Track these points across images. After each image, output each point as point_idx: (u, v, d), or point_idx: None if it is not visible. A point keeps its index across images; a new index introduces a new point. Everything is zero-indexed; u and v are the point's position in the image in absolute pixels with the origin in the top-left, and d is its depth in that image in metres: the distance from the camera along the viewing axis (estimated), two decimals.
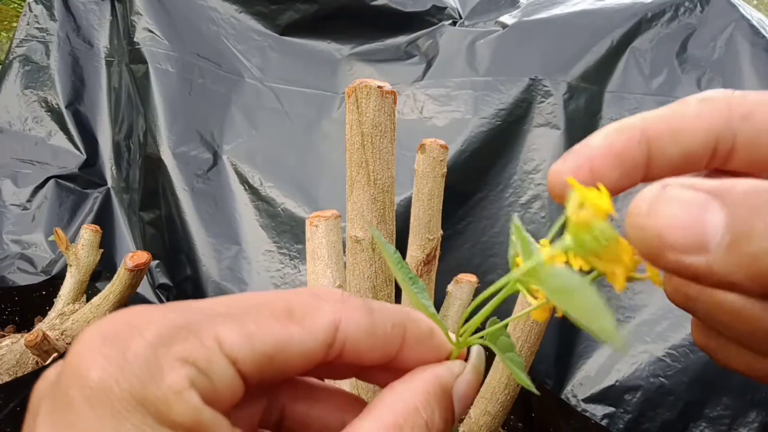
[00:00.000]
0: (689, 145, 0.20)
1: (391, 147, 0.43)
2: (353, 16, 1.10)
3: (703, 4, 0.90)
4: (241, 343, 0.17)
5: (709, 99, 0.20)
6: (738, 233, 0.16)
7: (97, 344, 0.15)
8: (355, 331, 0.19)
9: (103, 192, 1.15)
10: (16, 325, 0.94)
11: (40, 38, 1.19)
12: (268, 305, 0.18)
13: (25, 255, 1.05)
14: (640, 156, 0.20)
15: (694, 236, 0.16)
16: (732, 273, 0.16)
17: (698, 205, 0.16)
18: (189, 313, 0.17)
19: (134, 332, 0.16)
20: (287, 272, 0.95)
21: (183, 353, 0.16)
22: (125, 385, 0.15)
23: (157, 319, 0.16)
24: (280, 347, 0.17)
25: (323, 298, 0.19)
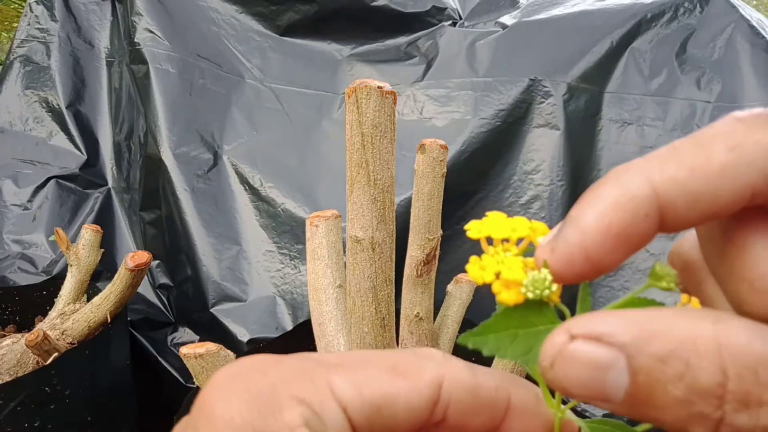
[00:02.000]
0: (711, 209, 0.16)
1: (391, 147, 0.43)
2: (353, 16, 1.10)
3: (703, 4, 0.90)
4: (352, 390, 0.17)
5: (740, 146, 0.15)
6: (637, 400, 0.15)
7: (224, 382, 0.17)
8: (459, 390, 0.18)
9: (104, 192, 1.15)
10: (17, 325, 0.94)
11: (41, 39, 1.19)
12: (375, 360, 0.19)
13: (25, 255, 1.06)
14: (649, 230, 0.17)
15: (595, 393, 0.16)
16: (634, 418, 0.16)
17: (600, 365, 0.15)
18: (304, 360, 0.18)
19: (258, 373, 0.17)
20: (287, 272, 0.96)
21: (299, 393, 0.17)
22: (247, 417, 0.16)
23: (277, 363, 0.18)
24: (387, 399, 0.18)
25: (426, 357, 0.19)
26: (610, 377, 0.15)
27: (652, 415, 0.15)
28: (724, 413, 0.14)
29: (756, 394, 0.14)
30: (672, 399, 0.15)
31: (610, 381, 0.15)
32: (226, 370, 0.18)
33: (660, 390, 0.15)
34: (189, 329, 1.02)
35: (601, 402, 0.16)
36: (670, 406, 0.15)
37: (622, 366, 0.15)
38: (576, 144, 0.88)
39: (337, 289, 0.55)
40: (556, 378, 0.16)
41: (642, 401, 0.15)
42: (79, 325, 0.79)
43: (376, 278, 0.45)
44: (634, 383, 0.15)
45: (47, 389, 0.70)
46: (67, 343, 0.78)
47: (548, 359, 0.16)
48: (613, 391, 0.15)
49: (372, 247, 0.44)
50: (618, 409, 0.16)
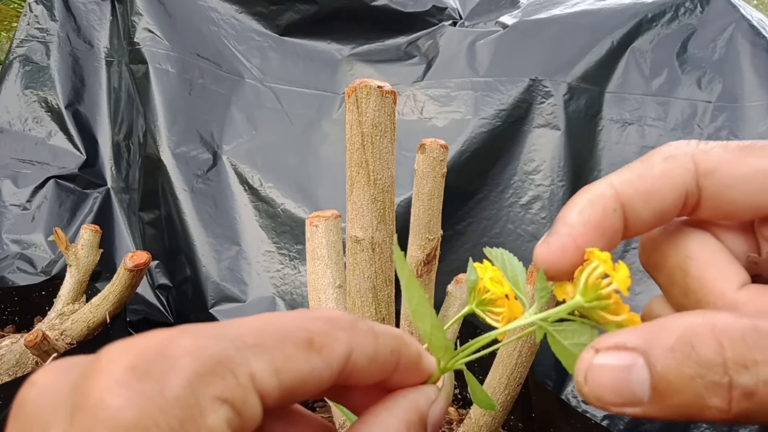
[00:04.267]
0: (660, 205, 0.21)
1: (391, 147, 0.43)
2: (353, 16, 1.10)
3: (704, 4, 0.90)
4: (271, 376, 0.17)
5: (673, 156, 0.21)
6: (661, 390, 0.18)
7: (127, 378, 0.14)
8: (363, 360, 0.19)
9: (103, 192, 1.15)
10: (16, 325, 0.94)
11: (41, 38, 1.19)
12: (291, 336, 0.18)
13: (24, 255, 1.05)
14: (618, 222, 0.21)
15: (625, 396, 0.18)
16: (666, 416, 0.18)
17: (623, 366, 0.18)
18: (221, 343, 0.16)
19: (169, 365, 0.15)
20: (287, 272, 0.95)
21: (222, 393, 0.15)
22: (165, 426, 0.14)
23: (190, 350, 0.15)
24: (302, 380, 0.18)
25: (338, 325, 0.19)
26: (634, 376, 0.18)
27: (677, 403, 0.18)
28: (731, 377, 0.17)
29: (749, 355, 0.17)
30: (687, 378, 0.17)
31: (635, 380, 0.18)
32: (122, 355, 0.15)
33: (676, 373, 0.17)
34: None
35: (633, 406, 0.18)
36: (688, 385, 0.17)
37: (642, 363, 0.18)
38: (577, 144, 0.88)
39: (337, 289, 0.55)
40: (591, 390, 0.19)
41: (665, 390, 0.18)
42: (78, 325, 0.79)
43: (376, 278, 0.45)
44: (654, 375, 0.18)
45: None
46: (66, 343, 0.78)
47: (581, 375, 0.19)
48: (639, 389, 0.18)
49: (372, 247, 0.44)
50: (648, 409, 0.18)
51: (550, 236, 0.22)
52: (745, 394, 0.17)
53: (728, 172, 0.21)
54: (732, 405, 0.17)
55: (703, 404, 0.17)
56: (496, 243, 0.89)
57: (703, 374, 0.17)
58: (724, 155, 0.21)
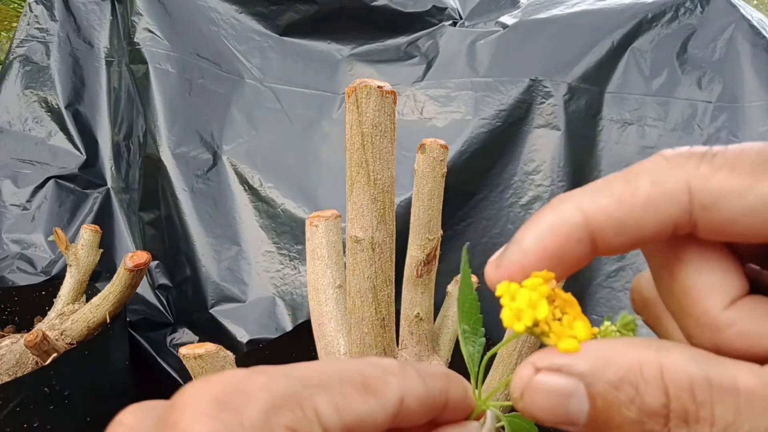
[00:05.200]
0: (637, 236, 0.18)
1: (391, 147, 0.43)
2: (353, 16, 1.10)
3: (704, 4, 0.90)
4: (333, 415, 0.18)
5: (662, 182, 0.17)
6: (599, 422, 0.17)
7: (211, 409, 0.16)
8: (415, 402, 0.20)
9: (103, 192, 1.15)
10: (16, 326, 0.93)
11: (41, 38, 1.19)
12: (349, 378, 0.19)
13: (24, 255, 1.05)
14: (582, 251, 0.19)
15: (561, 419, 0.18)
16: None
17: (563, 394, 0.18)
18: (291, 380, 0.18)
19: (246, 398, 0.16)
20: (287, 273, 0.95)
21: (291, 423, 0.16)
22: None
23: (265, 385, 0.17)
24: (360, 419, 0.18)
25: (388, 370, 0.20)
26: (572, 404, 0.17)
27: None
28: (669, 430, 0.16)
29: (693, 411, 0.16)
30: (627, 420, 0.17)
31: (573, 407, 0.17)
32: (205, 390, 0.16)
33: (616, 412, 0.17)
34: (188, 330, 1.02)
35: (567, 426, 0.18)
36: (625, 426, 0.17)
37: (582, 392, 0.17)
38: (577, 144, 0.88)
39: (337, 289, 0.55)
40: (526, 407, 0.18)
41: (602, 423, 0.17)
42: (78, 325, 0.79)
43: (376, 278, 0.45)
44: (593, 407, 0.17)
45: (46, 390, 0.70)
46: (66, 343, 0.78)
47: (518, 391, 0.18)
48: (576, 416, 0.17)
49: (372, 248, 0.44)
50: (583, 431, 0.18)
51: (502, 258, 0.20)
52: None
53: (733, 205, 0.17)
54: None
55: None
56: (496, 243, 0.89)
57: (643, 422, 0.17)
58: (730, 182, 0.17)
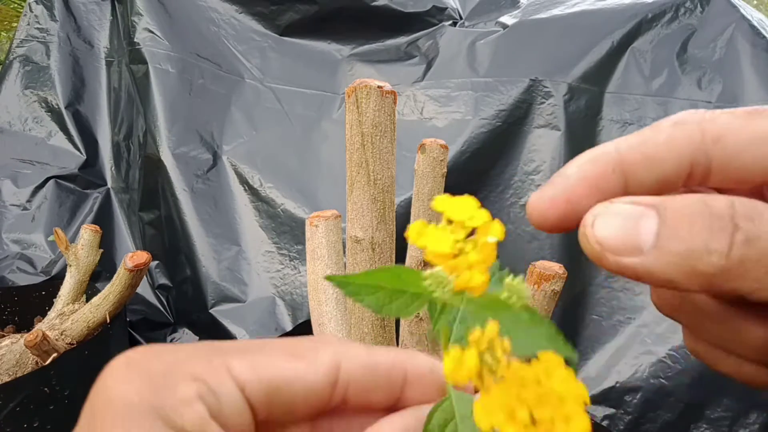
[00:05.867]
0: (663, 172, 0.21)
1: (391, 147, 0.43)
2: (353, 16, 1.10)
3: (704, 4, 0.90)
4: (248, 370, 0.18)
5: (681, 123, 0.21)
6: (667, 236, 0.18)
7: (122, 366, 0.18)
8: (358, 369, 0.20)
9: (103, 192, 1.15)
10: (16, 325, 0.93)
11: (41, 38, 1.19)
12: (274, 345, 0.20)
13: (24, 255, 1.05)
14: (616, 184, 0.21)
15: (629, 240, 0.19)
16: (666, 271, 0.18)
17: (635, 215, 0.19)
18: (203, 346, 0.19)
19: (154, 356, 0.18)
20: (287, 273, 0.95)
21: (194, 372, 0.18)
22: (145, 394, 0.17)
23: (174, 349, 0.19)
24: (285, 379, 0.19)
25: (323, 342, 0.20)
26: (642, 223, 0.18)
27: (678, 249, 0.18)
28: (737, 223, 0.18)
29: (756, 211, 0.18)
30: (696, 224, 0.18)
31: (642, 226, 0.18)
32: (122, 356, 0.18)
33: (686, 220, 0.18)
34: (188, 330, 1.02)
35: (631, 254, 0.19)
36: (694, 229, 0.18)
37: (653, 214, 0.18)
38: (577, 144, 0.88)
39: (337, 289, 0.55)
40: (596, 231, 0.19)
41: (670, 235, 0.18)
42: (78, 325, 0.79)
43: None
44: (663, 222, 0.18)
45: (46, 390, 0.69)
46: (66, 343, 0.78)
47: (590, 218, 0.19)
48: (645, 235, 0.18)
49: (372, 247, 0.44)
50: (647, 259, 0.18)
51: (545, 186, 0.22)
52: (746, 240, 0.17)
53: (737, 138, 0.20)
54: (732, 249, 0.17)
55: (704, 249, 0.18)
56: None
57: (710, 222, 0.18)
58: (732, 121, 0.20)
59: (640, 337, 0.79)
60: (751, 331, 0.21)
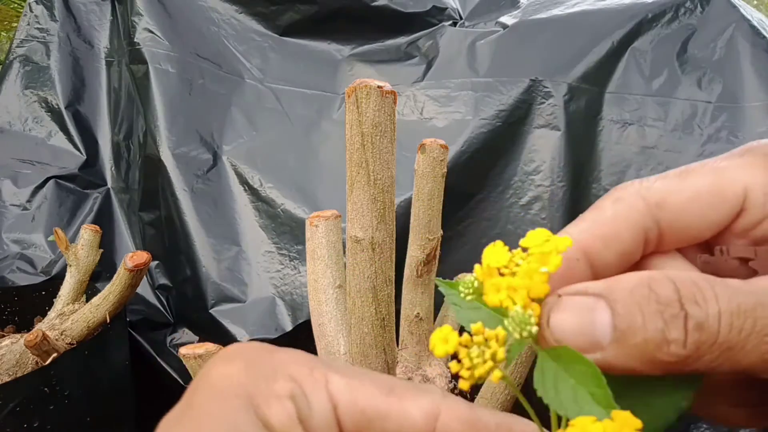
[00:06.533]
0: (622, 246, 0.22)
1: (391, 147, 0.43)
2: (353, 17, 1.10)
3: (704, 4, 0.90)
4: (346, 390, 0.18)
5: (620, 198, 0.22)
6: (622, 330, 0.18)
7: (229, 352, 0.19)
8: (457, 424, 0.19)
9: (103, 192, 1.15)
10: (16, 326, 0.93)
11: (41, 38, 1.19)
12: (374, 375, 0.19)
13: (24, 255, 1.05)
14: (584, 271, 0.22)
15: (587, 337, 0.19)
16: (628, 362, 0.18)
17: (587, 308, 0.19)
18: (308, 355, 0.19)
19: (264, 351, 0.19)
20: (287, 273, 0.95)
21: (293, 373, 0.18)
22: (242, 379, 0.17)
23: (280, 350, 0.19)
24: (380, 412, 0.18)
25: (424, 388, 0.20)
26: (596, 317, 0.19)
27: (638, 341, 0.18)
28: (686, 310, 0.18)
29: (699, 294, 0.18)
30: (648, 314, 0.18)
31: (597, 321, 0.19)
32: (234, 345, 0.19)
33: (637, 310, 0.18)
34: (188, 330, 1.02)
35: (593, 351, 0.19)
36: (649, 321, 0.18)
37: (603, 305, 0.19)
38: (577, 145, 0.88)
39: (337, 289, 0.55)
40: (553, 329, 0.19)
41: (627, 328, 0.18)
42: (78, 325, 0.79)
43: (376, 278, 0.45)
44: (616, 315, 0.19)
45: (46, 390, 0.69)
46: (66, 343, 0.78)
47: (545, 318, 0.20)
48: (601, 330, 0.19)
49: (372, 247, 0.44)
50: (609, 353, 0.19)
51: None
52: (697, 325, 0.18)
53: (677, 198, 0.21)
54: (687, 338, 0.18)
55: (663, 338, 0.18)
56: None
57: (661, 310, 0.18)
58: (668, 185, 0.22)
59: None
60: (719, 376, 0.21)
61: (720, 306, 0.18)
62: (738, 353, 0.18)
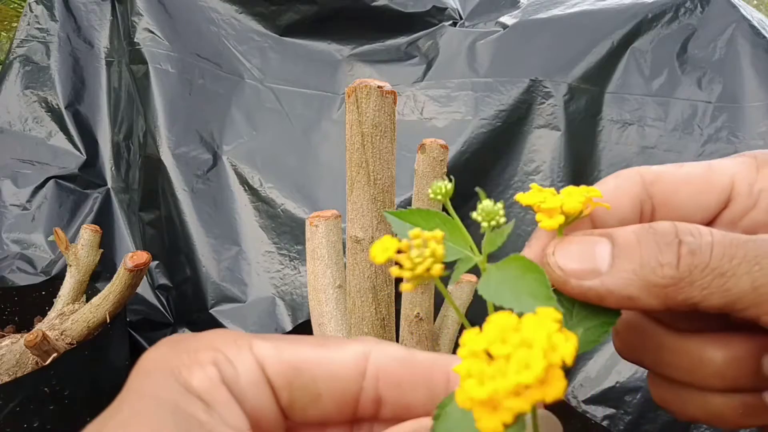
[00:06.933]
0: (622, 213, 0.24)
1: (391, 147, 0.43)
2: (353, 16, 1.10)
3: (704, 4, 0.90)
4: (271, 349, 0.19)
5: (620, 174, 0.25)
6: (621, 257, 0.20)
7: (156, 344, 0.19)
8: (389, 361, 0.19)
9: (103, 192, 1.15)
10: (16, 326, 0.93)
11: (41, 39, 1.19)
12: (302, 338, 0.20)
13: (24, 255, 1.05)
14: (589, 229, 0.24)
15: (587, 264, 0.21)
16: (624, 288, 0.20)
17: (590, 241, 0.21)
18: (235, 332, 0.20)
19: (190, 336, 0.19)
20: (287, 273, 0.95)
21: (218, 345, 0.19)
22: (167, 357, 0.18)
23: (207, 333, 0.20)
24: (307, 360, 0.19)
25: (357, 339, 0.20)
26: (598, 248, 0.21)
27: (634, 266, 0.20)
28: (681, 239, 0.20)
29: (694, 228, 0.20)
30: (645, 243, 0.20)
31: (598, 250, 0.21)
32: (166, 338, 0.20)
33: (635, 241, 0.20)
34: (188, 330, 1.02)
35: (592, 277, 0.20)
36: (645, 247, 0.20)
37: (606, 242, 0.21)
38: (577, 145, 0.88)
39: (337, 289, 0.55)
40: (558, 259, 0.21)
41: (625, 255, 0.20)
42: (78, 325, 0.79)
43: (376, 278, 0.45)
44: (616, 246, 0.21)
45: (46, 390, 0.69)
46: (66, 343, 0.78)
47: (551, 248, 0.22)
48: (601, 258, 0.21)
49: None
50: (606, 279, 0.20)
51: (534, 239, 0.24)
52: (690, 251, 0.20)
53: (671, 178, 0.24)
54: (680, 260, 0.20)
55: (657, 262, 0.20)
56: None
57: (657, 239, 0.20)
58: (665, 168, 0.25)
59: None
60: (710, 354, 0.22)
61: (713, 238, 0.20)
62: (729, 280, 0.19)
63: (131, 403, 0.17)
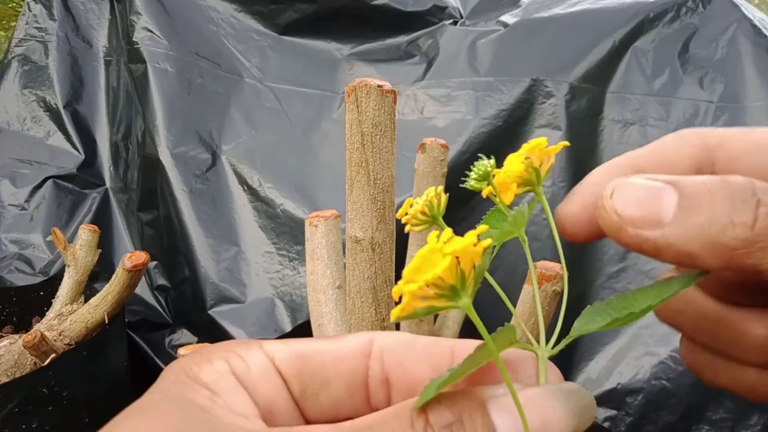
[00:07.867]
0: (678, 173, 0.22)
1: (391, 147, 0.43)
2: (353, 15, 1.09)
3: (705, 4, 0.89)
4: (279, 345, 0.20)
5: (682, 135, 0.23)
6: (689, 207, 0.18)
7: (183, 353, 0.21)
8: (393, 342, 0.20)
9: (102, 192, 1.15)
10: (14, 326, 0.93)
11: (39, 38, 1.18)
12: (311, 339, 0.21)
13: (23, 255, 1.05)
14: None
15: (650, 212, 0.18)
16: (687, 244, 0.18)
17: (655, 187, 0.19)
18: (248, 339, 0.20)
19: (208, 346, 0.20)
20: (286, 273, 0.95)
21: (229, 347, 0.19)
22: (183, 361, 0.19)
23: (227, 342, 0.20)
24: (314, 349, 0.20)
25: (362, 332, 0.21)
26: (662, 195, 0.18)
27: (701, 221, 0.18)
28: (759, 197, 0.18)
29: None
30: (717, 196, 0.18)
31: (663, 198, 0.18)
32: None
33: (706, 193, 0.18)
34: (187, 331, 1.02)
35: (652, 227, 0.18)
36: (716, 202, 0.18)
37: (671, 189, 0.18)
38: (578, 144, 0.88)
39: (337, 289, 0.55)
40: (616, 202, 0.19)
41: (692, 207, 0.18)
42: (76, 326, 0.78)
43: (376, 279, 0.45)
44: (683, 195, 0.18)
45: (45, 390, 0.69)
46: (64, 344, 0.77)
47: (610, 189, 0.19)
48: (665, 207, 0.18)
49: (372, 248, 0.44)
50: (668, 231, 0.18)
51: (573, 196, 0.23)
52: None
53: (736, 144, 0.22)
54: (756, 222, 0.17)
55: (729, 221, 0.18)
56: None
57: (732, 194, 0.18)
58: (730, 132, 0.22)
59: (641, 339, 0.78)
60: (752, 329, 0.21)
61: None
62: None
63: (141, 399, 0.18)
